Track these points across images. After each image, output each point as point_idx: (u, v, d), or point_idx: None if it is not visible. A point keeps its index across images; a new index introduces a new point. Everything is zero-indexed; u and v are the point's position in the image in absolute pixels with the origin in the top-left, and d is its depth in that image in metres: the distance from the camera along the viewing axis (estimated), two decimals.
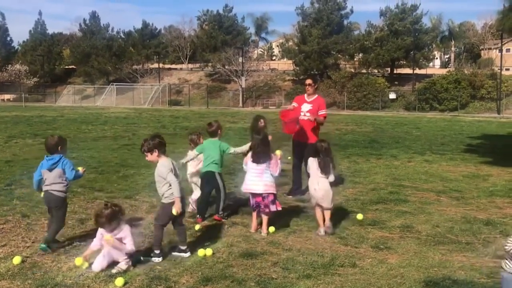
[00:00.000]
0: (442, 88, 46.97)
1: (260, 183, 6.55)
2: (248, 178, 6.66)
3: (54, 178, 5.79)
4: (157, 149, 5.54)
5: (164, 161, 5.58)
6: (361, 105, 50.31)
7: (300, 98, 9.13)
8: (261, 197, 6.57)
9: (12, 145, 15.83)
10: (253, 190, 6.61)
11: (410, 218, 7.37)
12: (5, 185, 9.34)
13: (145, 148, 5.54)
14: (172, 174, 5.49)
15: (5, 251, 5.73)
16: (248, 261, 5.47)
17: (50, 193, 5.79)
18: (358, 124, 27.44)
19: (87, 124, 24.87)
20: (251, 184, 6.62)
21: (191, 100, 58.03)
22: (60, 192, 5.81)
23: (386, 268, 5.36)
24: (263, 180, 6.56)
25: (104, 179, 10.12)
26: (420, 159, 13.56)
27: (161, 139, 5.63)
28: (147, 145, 5.52)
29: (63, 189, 5.85)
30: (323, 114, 8.91)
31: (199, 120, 29.33)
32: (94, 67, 66.51)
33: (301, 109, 8.86)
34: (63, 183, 5.84)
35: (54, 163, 5.83)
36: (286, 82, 60.04)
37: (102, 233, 5.30)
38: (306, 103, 8.89)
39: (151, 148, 5.52)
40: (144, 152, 5.57)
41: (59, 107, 48.65)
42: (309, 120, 8.63)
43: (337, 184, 9.83)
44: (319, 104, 8.89)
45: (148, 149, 5.53)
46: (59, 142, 5.99)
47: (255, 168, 6.59)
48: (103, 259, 5.20)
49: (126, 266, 5.17)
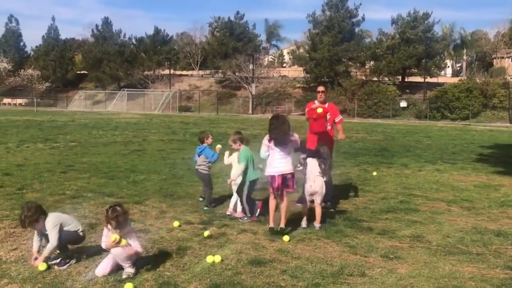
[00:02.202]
0: (453, 96, 46.67)
1: (288, 164, 6.96)
2: (275, 161, 6.92)
3: (201, 161, 8.33)
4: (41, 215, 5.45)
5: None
6: (371, 113, 50.14)
7: (312, 107, 9.01)
8: (285, 177, 6.89)
9: (23, 149, 15.96)
10: (284, 171, 6.89)
11: (421, 228, 7.32)
12: (16, 189, 9.41)
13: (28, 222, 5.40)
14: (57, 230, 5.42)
15: (16, 254, 5.76)
16: (256, 269, 5.46)
17: (198, 171, 8.41)
18: (369, 132, 27.35)
19: (98, 129, 25.01)
20: (281, 166, 6.91)
21: (201, 107, 58.20)
22: (205, 170, 8.34)
23: (396, 278, 5.32)
24: (289, 161, 6.98)
25: (114, 184, 10.15)
26: (431, 168, 13.47)
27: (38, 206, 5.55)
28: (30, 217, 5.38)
29: (206, 169, 8.35)
30: (340, 119, 8.97)
31: (209, 127, 29.40)
32: (106, 73, 66.92)
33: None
34: (207, 164, 8.32)
35: (201, 151, 8.35)
36: (296, 89, 59.98)
37: (110, 234, 5.23)
38: None
39: (36, 219, 5.40)
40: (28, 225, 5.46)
41: (70, 112, 49.00)
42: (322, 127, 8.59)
43: (347, 192, 9.84)
44: (333, 111, 8.87)
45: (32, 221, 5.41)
46: (205, 136, 8.47)
47: (281, 151, 6.91)
48: (107, 264, 5.21)
49: (133, 270, 5.17)
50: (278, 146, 6.89)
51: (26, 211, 5.36)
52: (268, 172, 7.01)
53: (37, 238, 5.54)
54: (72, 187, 9.74)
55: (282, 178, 6.91)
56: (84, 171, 11.66)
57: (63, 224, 5.47)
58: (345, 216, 7.90)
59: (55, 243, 5.31)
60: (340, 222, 7.53)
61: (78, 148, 16.71)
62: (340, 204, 8.74)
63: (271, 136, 6.91)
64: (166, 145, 18.17)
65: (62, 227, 5.45)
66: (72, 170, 11.78)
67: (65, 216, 5.73)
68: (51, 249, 5.32)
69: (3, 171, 11.40)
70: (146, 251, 5.95)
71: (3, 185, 9.79)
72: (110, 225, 5.17)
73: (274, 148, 6.92)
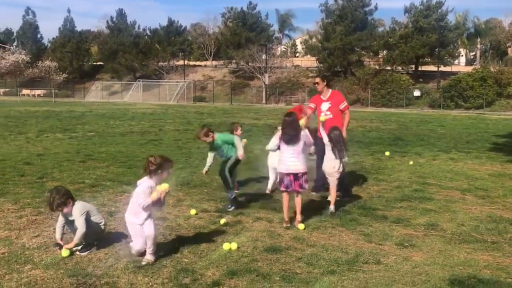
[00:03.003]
0: (467, 85, 46.25)
1: (299, 163, 6.89)
2: (286, 160, 6.89)
3: None
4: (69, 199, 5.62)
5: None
6: (385, 102, 49.89)
7: (317, 98, 9.09)
8: (296, 177, 6.86)
9: (43, 139, 16.24)
10: (295, 170, 6.86)
11: (435, 216, 7.36)
12: (37, 178, 9.62)
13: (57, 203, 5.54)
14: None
15: (38, 241, 5.93)
16: (272, 256, 5.56)
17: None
18: (382, 121, 27.25)
19: (115, 120, 25.28)
20: (292, 165, 6.87)
21: (215, 97, 58.36)
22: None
23: (411, 265, 5.38)
24: (301, 160, 6.92)
25: (132, 173, 10.31)
26: (445, 157, 13.46)
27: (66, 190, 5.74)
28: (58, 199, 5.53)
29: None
30: (345, 106, 8.94)
31: (223, 117, 29.52)
32: (121, 64, 67.34)
33: (321, 109, 8.85)
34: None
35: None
36: (310, 79, 59.69)
37: (151, 186, 5.26)
38: (324, 102, 8.90)
39: (64, 202, 5.55)
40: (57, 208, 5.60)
41: (88, 103, 49.47)
42: (330, 118, 8.65)
43: (361, 180, 9.90)
44: (337, 99, 8.92)
45: (60, 204, 5.56)
46: (234, 128, 8.68)
47: (292, 149, 6.88)
48: (141, 242, 5.32)
49: (153, 258, 5.30)
50: (289, 144, 6.89)
51: (55, 194, 5.53)
52: (280, 169, 7.01)
53: (60, 225, 5.70)
54: (91, 176, 9.94)
55: (293, 177, 6.86)
56: (102, 160, 11.86)
57: (89, 213, 5.65)
58: (360, 204, 7.97)
59: (83, 229, 5.46)
60: (354, 210, 7.61)
61: (96, 138, 16.95)
62: (354, 192, 8.79)
63: (283, 135, 6.96)
64: (182, 135, 18.34)
65: (89, 216, 5.63)
66: (90, 160, 12.00)
67: (91, 206, 5.89)
68: (80, 235, 5.47)
69: (24, 161, 11.64)
70: (164, 239, 6.09)
71: (24, 174, 10.01)
72: (156, 175, 5.25)
73: (284, 146, 6.93)
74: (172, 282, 4.80)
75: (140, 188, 5.31)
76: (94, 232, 5.67)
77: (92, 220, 5.68)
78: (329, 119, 8.63)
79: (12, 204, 7.54)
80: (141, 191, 5.27)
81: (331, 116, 8.72)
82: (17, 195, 8.12)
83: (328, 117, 8.69)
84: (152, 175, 5.30)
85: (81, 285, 4.70)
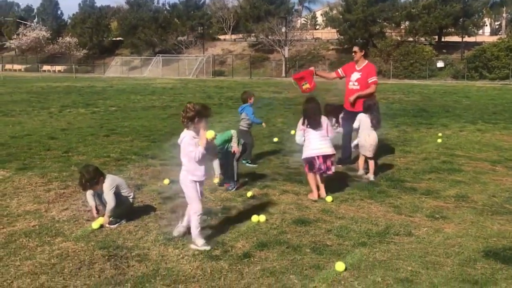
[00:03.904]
0: (492, 56, 45.11)
1: (328, 145, 6.88)
2: (316, 143, 6.81)
3: (241, 119, 8.72)
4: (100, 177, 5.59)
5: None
6: (407, 73, 49.04)
7: (350, 66, 8.84)
8: (324, 159, 6.79)
9: (66, 114, 16.34)
10: (325, 152, 6.81)
11: (465, 188, 7.23)
12: (62, 152, 9.67)
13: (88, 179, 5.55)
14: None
15: (67, 214, 5.96)
16: (301, 228, 5.51)
17: (239, 128, 8.56)
18: (405, 93, 26.81)
19: (135, 95, 25.31)
20: (322, 148, 6.80)
21: (234, 71, 58.04)
22: (244, 127, 8.66)
23: (443, 237, 5.29)
24: (328, 143, 6.89)
25: (156, 147, 10.33)
26: (472, 128, 13.19)
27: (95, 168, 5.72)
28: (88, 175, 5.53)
29: (246, 126, 8.66)
30: (373, 81, 8.60)
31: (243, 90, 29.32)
32: (141, 39, 67.32)
33: (350, 78, 8.66)
34: (246, 121, 8.63)
35: (242, 109, 8.68)
36: (330, 52, 59.06)
37: (193, 135, 4.92)
38: (356, 71, 8.64)
39: (96, 181, 5.55)
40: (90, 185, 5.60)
41: (108, 78, 49.63)
42: (357, 90, 8.50)
43: (387, 153, 9.75)
44: (368, 71, 8.62)
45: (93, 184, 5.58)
46: (248, 96, 8.68)
47: (318, 133, 6.82)
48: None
49: (184, 230, 5.27)
50: (313, 128, 6.81)
51: (87, 175, 5.53)
52: (307, 154, 6.83)
53: (91, 194, 5.73)
54: (116, 150, 9.96)
55: (323, 158, 6.77)
56: (126, 135, 11.88)
57: (118, 187, 5.64)
58: (388, 176, 7.86)
59: (112, 203, 5.47)
60: (382, 182, 7.50)
61: (118, 112, 16.99)
62: (381, 165, 8.66)
63: (305, 120, 6.85)
64: None
65: (119, 190, 5.64)
66: (114, 134, 12.03)
67: (121, 180, 5.88)
68: (110, 209, 5.49)
69: (49, 135, 11.72)
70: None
71: (49, 148, 10.08)
72: (194, 122, 4.88)
73: (310, 131, 6.83)
74: (203, 254, 4.79)
75: (184, 142, 4.93)
76: (123, 206, 5.68)
77: (122, 194, 5.68)
78: (355, 90, 8.49)
79: (39, 178, 7.60)
80: (187, 144, 4.90)
81: (358, 87, 8.54)
82: (44, 169, 8.17)
83: (355, 87, 8.54)
84: (190, 123, 4.89)
85: (112, 256, 4.71)
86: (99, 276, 4.33)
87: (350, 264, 4.57)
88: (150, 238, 5.18)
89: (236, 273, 4.41)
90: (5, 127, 13.19)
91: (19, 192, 6.86)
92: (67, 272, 4.39)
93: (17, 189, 7.00)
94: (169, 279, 4.28)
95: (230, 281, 4.27)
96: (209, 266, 4.55)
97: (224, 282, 4.26)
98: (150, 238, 5.18)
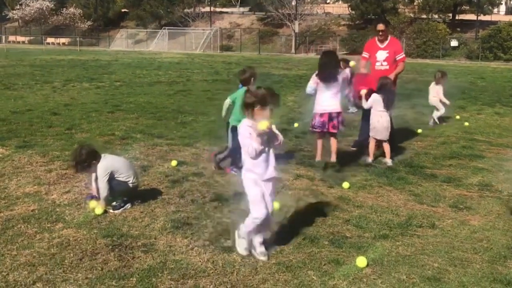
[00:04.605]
0: (508, 36, 44.02)
1: (336, 103, 6.79)
2: (323, 99, 6.79)
3: None
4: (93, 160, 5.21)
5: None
6: (420, 52, 48.06)
7: (372, 44, 8.21)
8: (331, 117, 6.76)
9: (70, 89, 15.93)
10: (330, 110, 6.75)
11: (489, 176, 6.85)
12: (65, 129, 9.30)
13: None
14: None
15: (69, 197, 5.63)
16: (318, 218, 5.16)
17: None
18: (419, 73, 26.17)
19: (141, 69, 24.82)
20: (328, 105, 6.77)
21: (242, 46, 57.20)
22: None
23: (469, 230, 4.94)
24: (337, 100, 6.81)
25: (163, 125, 9.96)
26: (490, 111, 12.74)
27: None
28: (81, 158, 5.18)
29: None
30: (401, 58, 8.04)
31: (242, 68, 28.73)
32: (146, 11, 66.22)
33: (377, 58, 8.01)
34: None
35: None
36: (341, 27, 57.95)
37: (249, 125, 4.05)
38: (381, 50, 7.99)
39: (87, 165, 5.19)
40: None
41: (113, 51, 49.08)
42: (386, 70, 7.88)
43: (404, 136, 9.33)
44: (396, 48, 8.03)
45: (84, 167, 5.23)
46: (252, 75, 6.94)
47: (330, 89, 6.76)
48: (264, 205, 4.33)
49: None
50: (326, 83, 6.70)
51: (78, 157, 5.16)
52: (315, 110, 6.86)
53: (94, 179, 5.38)
54: (120, 127, 9.58)
55: (328, 116, 6.74)
56: (131, 111, 11.49)
57: (114, 172, 5.21)
58: (407, 162, 7.47)
59: (105, 193, 5.11)
60: (401, 168, 7.12)
61: (124, 87, 16.55)
62: (398, 148, 8.25)
63: (320, 73, 6.76)
64: (211, 86, 17.83)
65: (113, 176, 5.20)
66: (119, 110, 11.64)
67: (119, 163, 5.40)
68: (103, 198, 5.15)
69: (51, 111, 11.35)
70: (202, 196, 5.75)
71: (52, 124, 9.72)
72: (253, 110, 4.07)
73: (322, 86, 6.74)
74: (214, 245, 4.46)
75: (240, 133, 4.14)
76: (122, 191, 5.29)
77: (119, 179, 5.24)
78: (384, 70, 7.91)
79: (40, 157, 7.25)
80: (242, 136, 4.09)
81: (387, 67, 7.93)
82: (46, 147, 7.82)
83: (383, 67, 7.96)
84: (250, 110, 4.10)
85: (117, 246, 4.39)
86: (101, 268, 4.02)
87: (372, 259, 4.24)
88: (157, 226, 4.85)
89: (250, 267, 4.10)
90: (6, 101, 12.81)
91: (19, 172, 6.52)
92: (67, 264, 4.08)
93: (16, 169, 6.67)
94: (177, 273, 3.96)
95: (243, 276, 3.96)
96: (220, 258, 4.23)
97: (237, 277, 3.94)
98: (157, 226, 4.85)
